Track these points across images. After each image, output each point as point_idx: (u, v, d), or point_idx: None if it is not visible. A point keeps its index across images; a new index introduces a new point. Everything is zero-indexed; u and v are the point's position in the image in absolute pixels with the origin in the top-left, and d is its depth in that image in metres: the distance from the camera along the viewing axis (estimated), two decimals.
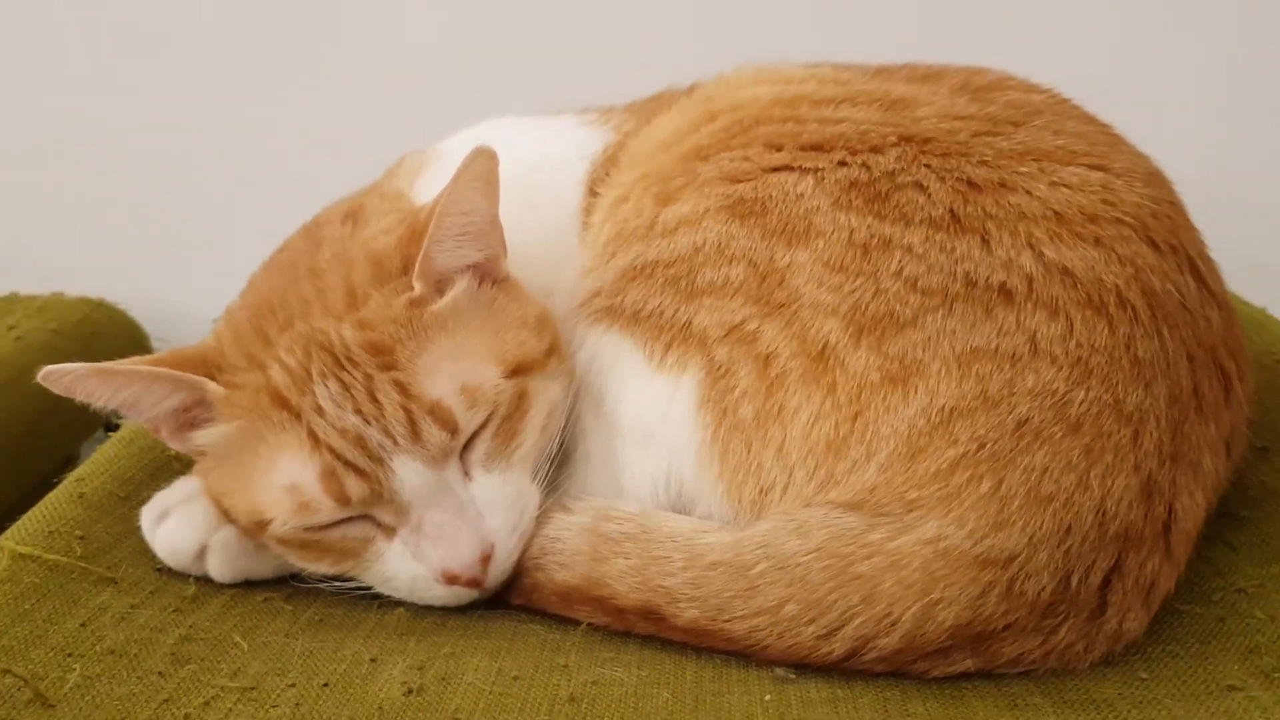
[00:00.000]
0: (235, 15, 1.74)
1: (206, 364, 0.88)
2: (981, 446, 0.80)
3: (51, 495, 0.98)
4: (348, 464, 0.84)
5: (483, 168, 0.88)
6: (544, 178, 1.09)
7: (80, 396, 0.84)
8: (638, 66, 1.31)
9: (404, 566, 0.88)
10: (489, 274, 0.93)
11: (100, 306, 1.61)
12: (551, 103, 1.21)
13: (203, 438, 0.88)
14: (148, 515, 0.95)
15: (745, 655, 0.83)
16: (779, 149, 0.93)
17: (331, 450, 0.84)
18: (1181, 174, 0.97)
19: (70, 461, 1.46)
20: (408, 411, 0.84)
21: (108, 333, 1.57)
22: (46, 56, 1.76)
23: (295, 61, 1.76)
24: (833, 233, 0.87)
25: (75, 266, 1.70)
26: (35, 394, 1.33)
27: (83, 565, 0.90)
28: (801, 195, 0.89)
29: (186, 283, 1.71)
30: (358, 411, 0.84)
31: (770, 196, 0.90)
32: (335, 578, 0.90)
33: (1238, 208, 1.09)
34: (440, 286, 0.89)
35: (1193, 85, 1.65)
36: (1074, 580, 0.79)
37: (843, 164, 0.90)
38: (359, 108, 1.74)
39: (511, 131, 1.10)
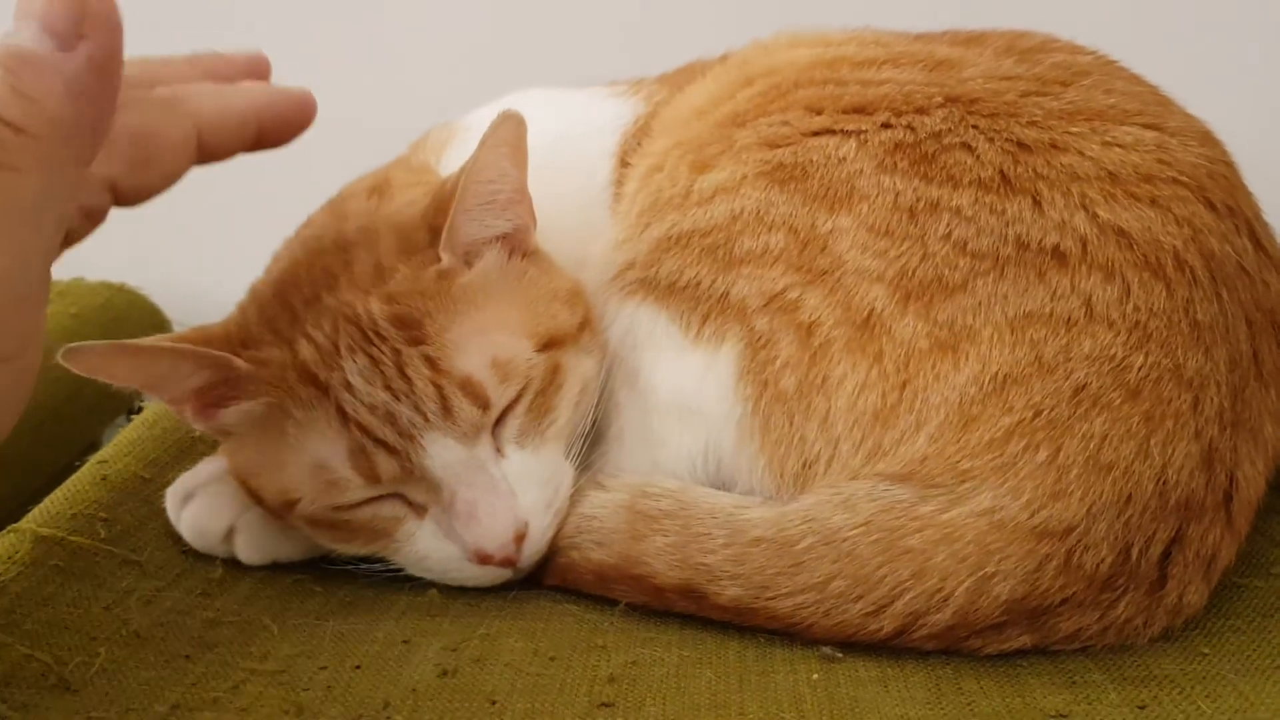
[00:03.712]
0: None
1: (231, 341, 0.86)
2: (1038, 414, 0.77)
3: (74, 478, 0.96)
4: (377, 441, 0.82)
5: (510, 133, 0.85)
6: (574, 149, 1.07)
7: (102, 376, 0.81)
8: (663, 39, 1.29)
9: (436, 546, 0.86)
10: (518, 246, 0.91)
11: (121, 291, 1.59)
12: (579, 76, 1.19)
13: (228, 416, 0.86)
14: (172, 497, 0.93)
15: (790, 634, 0.81)
16: (819, 112, 0.90)
17: (361, 427, 0.82)
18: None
19: (93, 447, 1.44)
20: (438, 387, 0.82)
21: (129, 317, 1.55)
22: None
23: (314, 40, 1.74)
24: (877, 196, 0.84)
25: (95, 251, 1.68)
26: (57, 379, 1.32)
27: (107, 548, 0.88)
28: (844, 159, 0.86)
29: (207, 266, 1.69)
30: (387, 387, 0.82)
31: (811, 161, 0.87)
32: (366, 559, 0.88)
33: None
34: (469, 258, 0.87)
35: (1230, 45, 1.62)
36: (1134, 552, 0.77)
37: (886, 126, 0.87)
38: (379, 85, 1.72)
39: (540, 104, 1.07)
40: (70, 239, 0.69)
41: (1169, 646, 0.80)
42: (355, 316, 0.83)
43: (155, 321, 1.60)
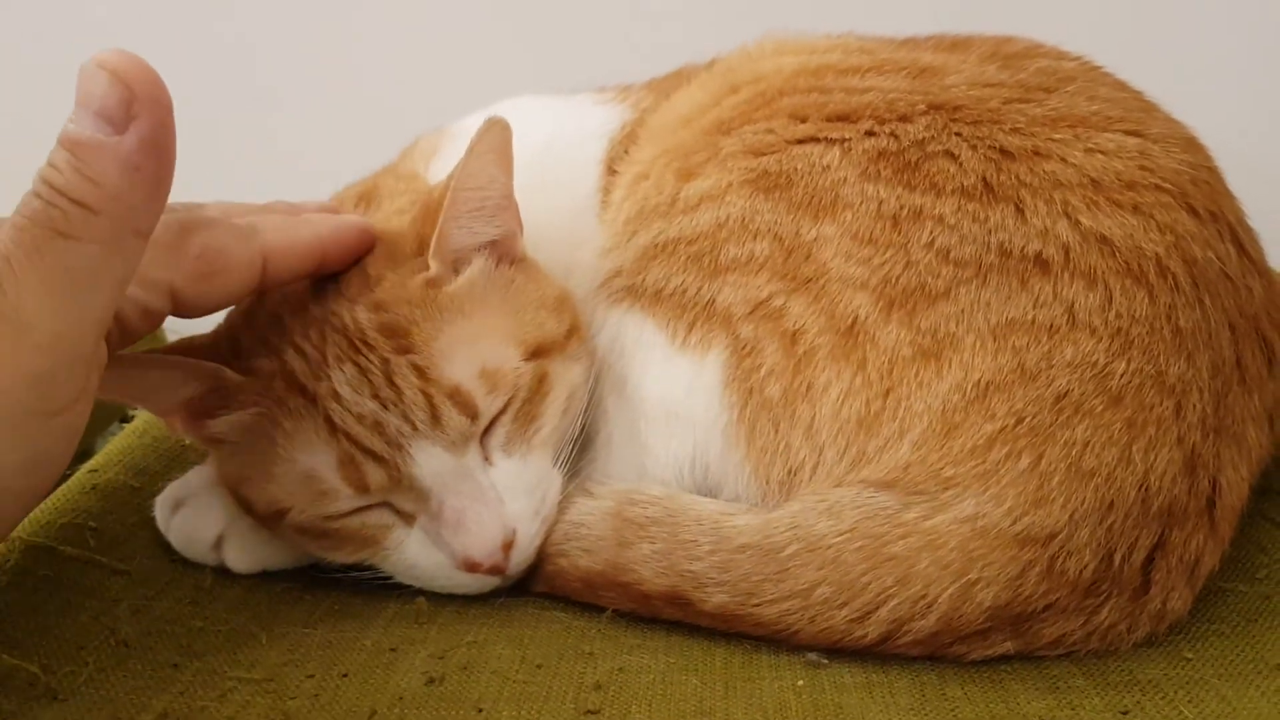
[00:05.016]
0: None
1: (220, 351, 0.86)
2: (1020, 421, 0.77)
3: (64, 486, 0.96)
4: (366, 450, 0.82)
5: (497, 139, 0.85)
6: (562, 157, 1.07)
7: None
8: (652, 46, 1.29)
9: (424, 554, 0.86)
10: (506, 253, 0.91)
11: None
12: (567, 83, 1.19)
13: (217, 426, 0.85)
14: (162, 505, 0.93)
15: (775, 640, 0.81)
16: (804, 120, 0.90)
17: (349, 437, 0.82)
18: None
19: (87, 455, 1.43)
20: (427, 396, 0.82)
21: None
22: (59, 47, 1.75)
23: (309, 46, 1.74)
24: (861, 204, 0.84)
25: None
26: None
27: (96, 557, 0.88)
28: (828, 167, 0.87)
29: None
30: (375, 396, 0.81)
31: (795, 169, 0.88)
32: (355, 567, 0.88)
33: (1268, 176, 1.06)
34: (457, 266, 0.87)
35: (1219, 50, 1.62)
36: (1116, 558, 0.77)
37: (870, 134, 0.87)
38: (371, 92, 1.73)
39: (528, 111, 1.08)
40: (128, 335, 0.74)
41: (1152, 651, 0.80)
42: (343, 326, 0.83)
43: None
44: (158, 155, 0.64)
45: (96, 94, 0.62)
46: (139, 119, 0.63)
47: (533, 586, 0.90)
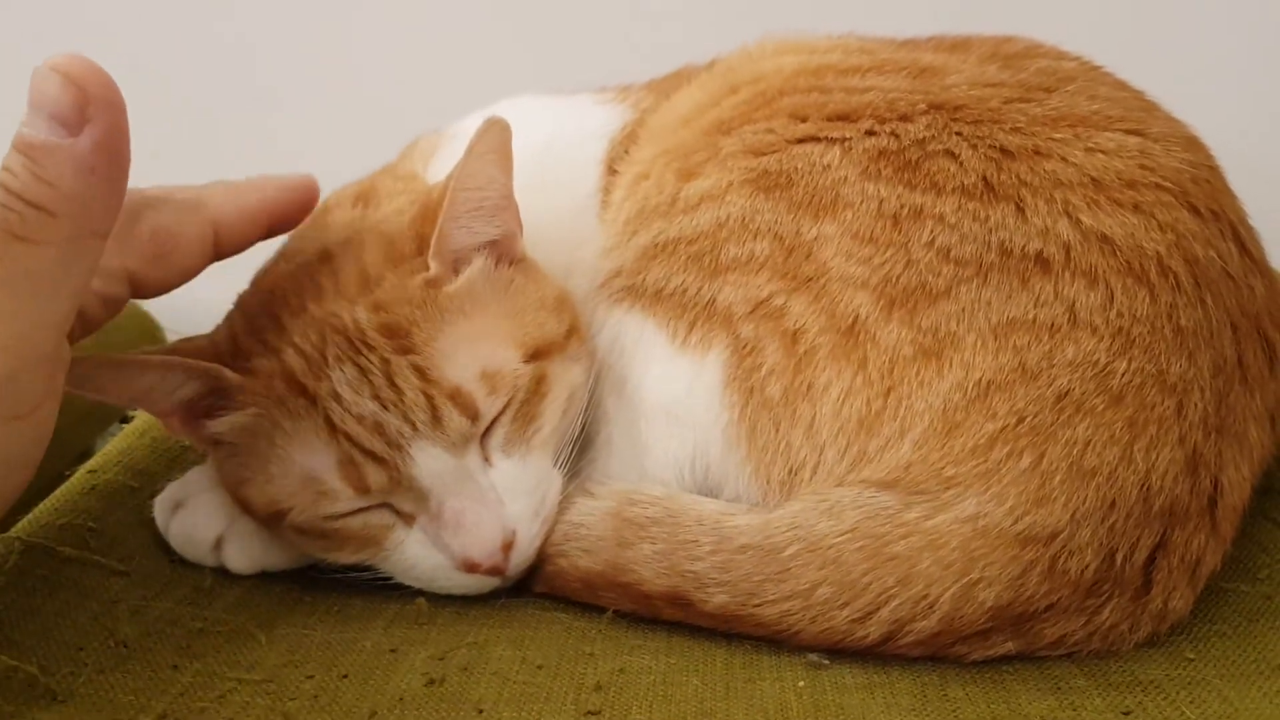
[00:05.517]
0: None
1: (218, 352, 0.86)
2: (1021, 420, 0.77)
3: (64, 487, 0.96)
4: (366, 451, 0.81)
5: (496, 139, 0.85)
6: (562, 157, 1.07)
7: (90, 391, 0.81)
8: (652, 46, 1.29)
9: (424, 555, 0.85)
10: (506, 253, 0.90)
11: None
12: (567, 83, 1.19)
13: (216, 427, 0.85)
14: (162, 506, 0.93)
15: (776, 641, 0.81)
16: (804, 119, 0.90)
17: (349, 438, 0.81)
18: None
19: (86, 455, 1.43)
20: (428, 397, 0.81)
21: (121, 325, 1.53)
22: (59, 47, 1.75)
23: (307, 48, 1.74)
24: (861, 203, 0.84)
25: None
26: None
27: (95, 558, 0.88)
28: (828, 166, 0.86)
29: (204, 273, 1.69)
30: (375, 397, 0.81)
31: (796, 168, 0.87)
32: (355, 567, 0.88)
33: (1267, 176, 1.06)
34: (456, 267, 0.87)
35: (1219, 50, 1.62)
36: (1118, 558, 0.77)
37: (871, 133, 0.87)
38: (371, 94, 1.72)
39: (528, 111, 1.07)
40: (89, 325, 0.75)
41: (1154, 652, 0.80)
42: (342, 326, 0.83)
43: (146, 328, 1.60)
44: (113, 156, 0.64)
45: (50, 96, 0.62)
46: (93, 121, 0.63)
47: (533, 587, 0.89)
